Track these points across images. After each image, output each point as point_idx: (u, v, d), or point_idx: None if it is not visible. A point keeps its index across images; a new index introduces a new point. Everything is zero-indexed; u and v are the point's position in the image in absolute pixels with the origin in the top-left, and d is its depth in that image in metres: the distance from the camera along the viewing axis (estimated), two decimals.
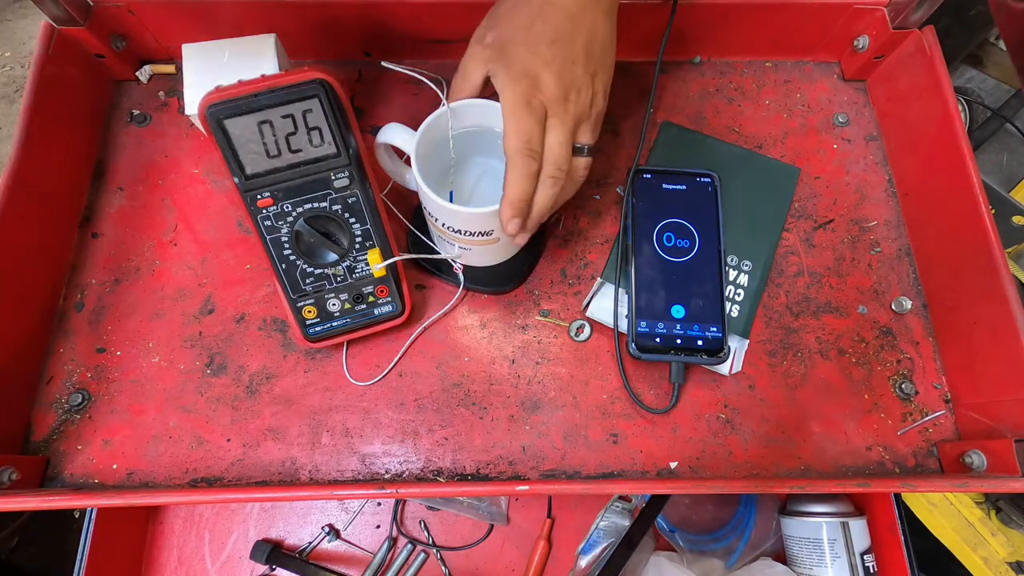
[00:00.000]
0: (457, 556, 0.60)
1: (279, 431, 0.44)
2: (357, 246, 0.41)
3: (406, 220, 0.48)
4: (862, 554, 0.53)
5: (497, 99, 0.39)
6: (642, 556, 0.58)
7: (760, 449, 0.44)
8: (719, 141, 0.53)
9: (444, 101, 0.40)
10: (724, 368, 0.45)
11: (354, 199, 0.40)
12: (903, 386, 0.46)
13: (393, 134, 0.41)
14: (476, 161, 0.47)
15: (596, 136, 0.40)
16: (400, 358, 0.46)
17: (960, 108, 0.52)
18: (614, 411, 0.45)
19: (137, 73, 0.54)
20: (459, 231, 0.41)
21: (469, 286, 0.47)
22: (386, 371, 0.46)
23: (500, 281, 0.48)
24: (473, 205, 0.39)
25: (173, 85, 0.54)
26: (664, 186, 0.49)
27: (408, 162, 0.41)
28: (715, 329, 0.44)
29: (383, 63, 0.41)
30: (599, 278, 0.48)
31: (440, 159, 0.44)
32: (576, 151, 0.39)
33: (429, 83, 0.40)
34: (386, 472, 0.43)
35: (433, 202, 0.39)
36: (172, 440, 0.44)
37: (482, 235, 0.41)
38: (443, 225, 0.41)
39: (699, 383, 0.46)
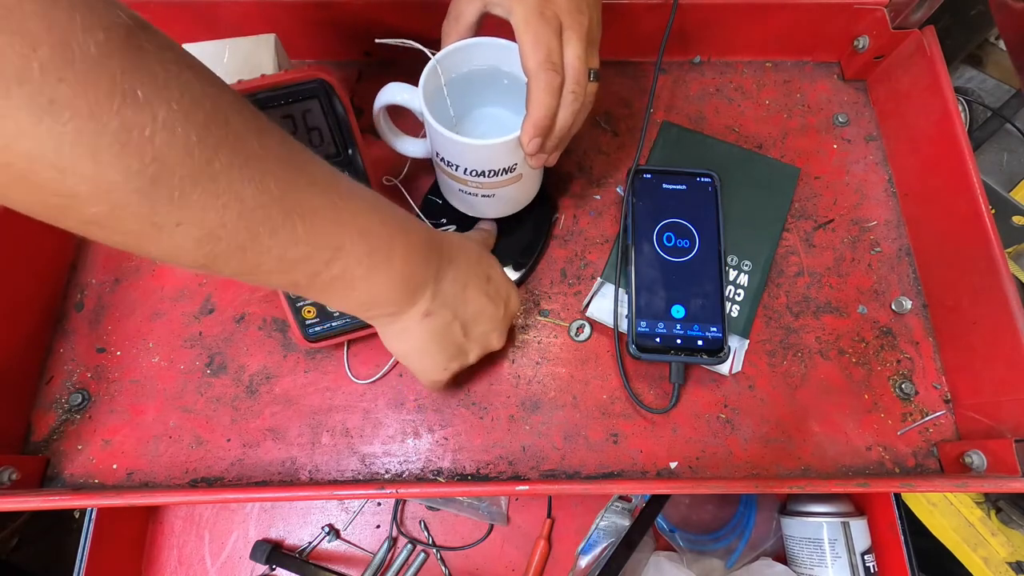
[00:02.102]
0: (457, 556, 0.60)
1: (279, 431, 0.44)
2: None
3: (416, 206, 0.48)
4: (863, 554, 0.53)
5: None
6: (642, 556, 0.58)
7: (760, 449, 0.44)
8: (719, 141, 0.53)
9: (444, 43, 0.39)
10: (724, 368, 0.45)
11: None
12: (903, 386, 0.46)
13: (394, 92, 0.40)
14: (480, 113, 0.46)
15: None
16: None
17: (960, 108, 0.52)
18: (614, 411, 0.45)
19: None
20: (483, 172, 0.40)
21: None
22: (385, 369, 0.46)
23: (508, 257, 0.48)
24: None
25: None
26: (664, 186, 0.49)
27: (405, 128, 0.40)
28: (715, 329, 0.44)
29: (376, 40, 0.40)
30: (599, 278, 0.48)
31: (441, 115, 0.43)
32: None
33: (426, 51, 0.40)
34: (386, 472, 0.43)
35: (453, 142, 0.38)
36: (172, 440, 0.44)
37: (506, 172, 0.40)
38: (465, 171, 0.40)
39: (699, 383, 0.46)
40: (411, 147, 0.45)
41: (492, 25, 0.39)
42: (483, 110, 0.46)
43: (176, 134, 0.21)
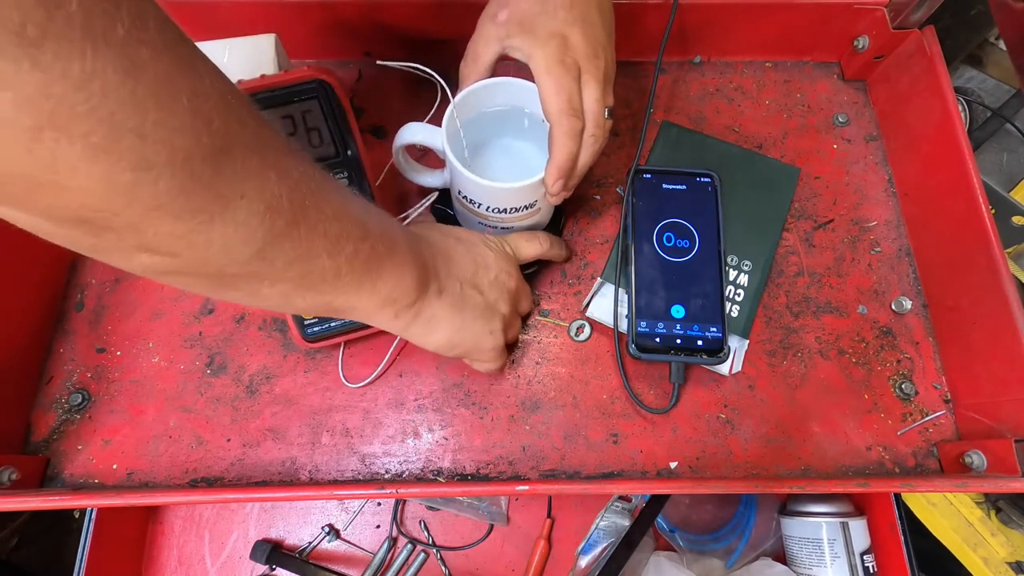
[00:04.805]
0: (457, 556, 0.60)
1: (279, 431, 0.44)
2: None
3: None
4: (862, 554, 0.53)
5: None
6: (642, 556, 0.58)
7: (760, 449, 0.44)
8: (719, 141, 0.53)
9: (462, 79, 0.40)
10: (724, 368, 0.45)
11: None
12: (903, 386, 0.46)
13: (414, 132, 0.41)
14: (498, 144, 0.47)
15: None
16: (399, 358, 0.46)
17: (960, 108, 0.52)
18: (614, 411, 0.45)
19: None
20: (504, 210, 0.41)
21: None
22: (377, 371, 0.46)
23: None
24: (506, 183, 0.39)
25: None
26: (664, 186, 0.49)
27: (425, 161, 0.41)
28: (715, 329, 0.44)
29: (378, 61, 0.41)
30: (599, 278, 0.48)
31: (458, 150, 0.44)
32: None
33: (437, 79, 0.40)
34: (386, 472, 0.43)
35: (478, 184, 0.39)
36: (172, 440, 0.44)
37: (526, 208, 0.42)
38: (487, 208, 0.41)
39: (699, 383, 0.46)
40: (429, 179, 0.46)
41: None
42: (501, 141, 0.47)
43: (231, 105, 0.21)
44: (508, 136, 0.47)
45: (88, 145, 0.17)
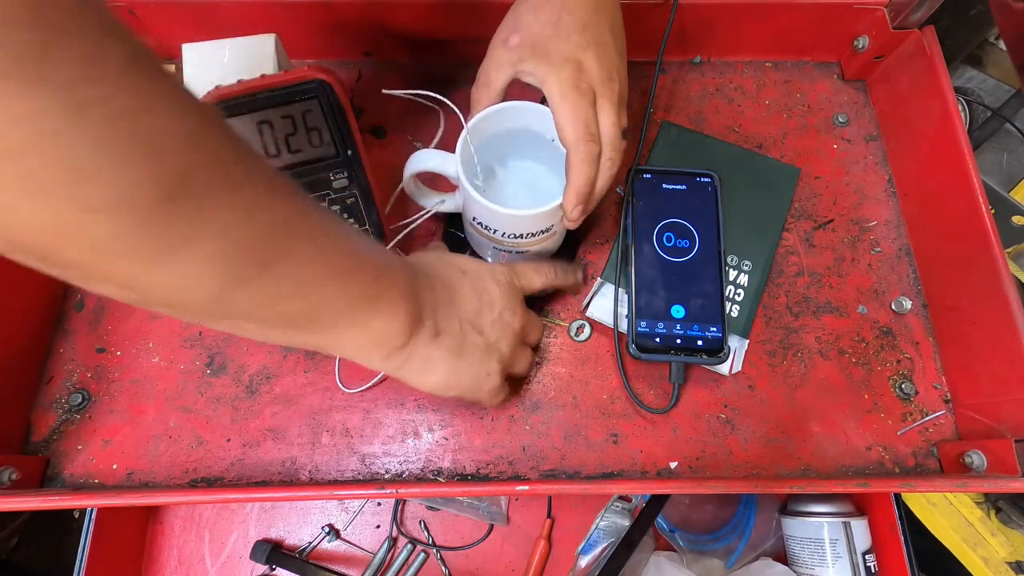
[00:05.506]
0: (457, 556, 0.60)
1: (279, 431, 0.44)
2: None
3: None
4: (864, 554, 0.53)
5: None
6: (642, 556, 0.58)
7: (760, 449, 0.44)
8: (719, 141, 0.53)
9: (470, 103, 0.40)
10: (724, 368, 0.45)
11: (353, 199, 0.40)
12: (903, 386, 0.46)
13: (424, 160, 0.40)
14: (510, 166, 0.47)
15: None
16: None
17: (960, 108, 0.52)
18: (614, 411, 0.45)
19: None
20: (521, 235, 0.41)
21: None
22: (376, 379, 0.46)
23: None
24: (516, 207, 0.38)
25: None
26: (664, 186, 0.49)
27: (431, 183, 0.40)
28: (715, 329, 0.44)
29: (384, 91, 0.40)
30: (599, 278, 0.48)
31: (472, 174, 0.43)
32: None
33: (451, 105, 0.40)
34: (386, 472, 0.43)
35: (494, 212, 0.38)
36: (172, 440, 0.44)
37: (542, 233, 0.41)
38: (503, 234, 0.41)
39: (699, 383, 0.46)
40: (441, 203, 0.45)
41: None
42: (512, 163, 0.46)
43: (198, 144, 0.20)
44: (518, 158, 0.46)
45: (25, 187, 0.16)
